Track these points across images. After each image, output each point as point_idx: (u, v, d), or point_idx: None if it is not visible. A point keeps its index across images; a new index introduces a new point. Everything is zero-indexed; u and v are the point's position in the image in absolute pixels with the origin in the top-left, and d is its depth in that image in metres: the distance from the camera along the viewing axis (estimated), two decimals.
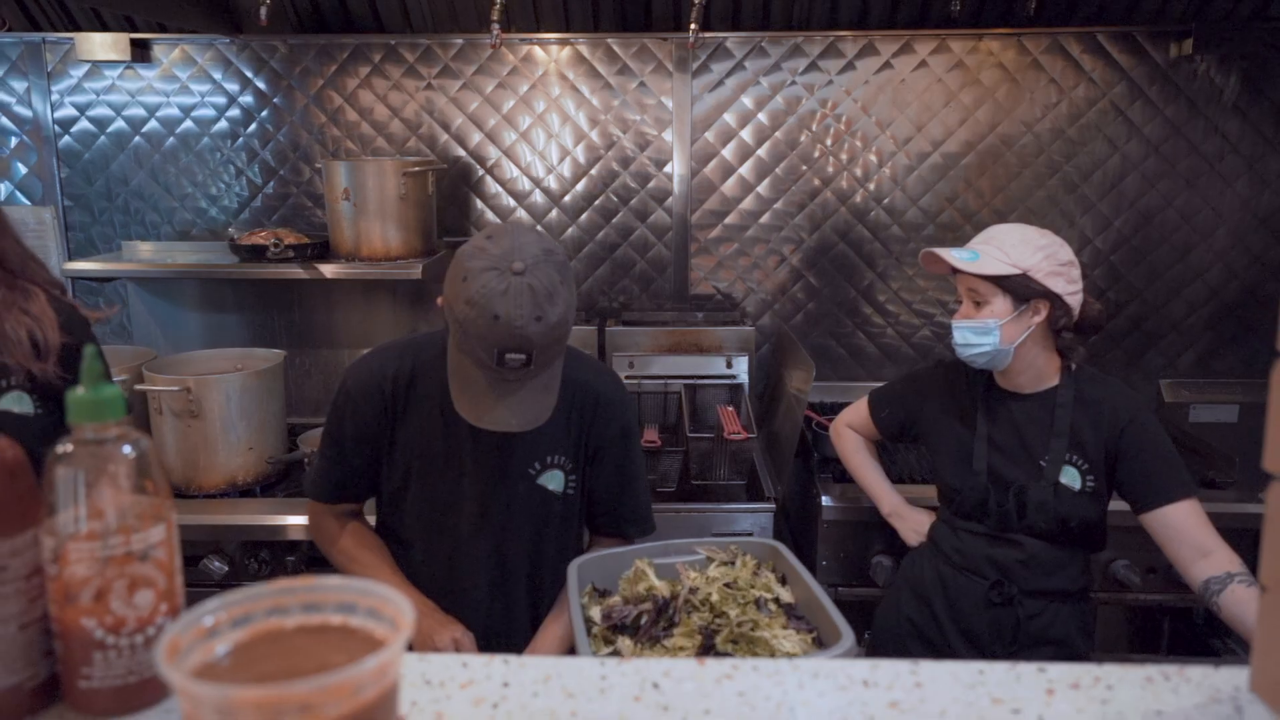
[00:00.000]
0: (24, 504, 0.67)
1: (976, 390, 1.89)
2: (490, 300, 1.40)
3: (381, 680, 0.50)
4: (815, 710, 0.70)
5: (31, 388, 1.53)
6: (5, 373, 1.50)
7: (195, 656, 0.52)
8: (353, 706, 0.48)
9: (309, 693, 0.47)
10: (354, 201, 2.67)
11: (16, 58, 2.95)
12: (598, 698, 0.72)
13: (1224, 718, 0.69)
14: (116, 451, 0.68)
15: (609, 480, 1.74)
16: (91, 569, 0.67)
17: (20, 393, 1.52)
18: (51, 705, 0.71)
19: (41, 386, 1.53)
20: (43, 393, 1.54)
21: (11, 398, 1.51)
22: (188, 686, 0.47)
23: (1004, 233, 1.81)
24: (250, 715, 0.47)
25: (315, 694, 0.47)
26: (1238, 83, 2.84)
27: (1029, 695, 0.72)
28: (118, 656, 0.68)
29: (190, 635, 0.52)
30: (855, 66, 2.91)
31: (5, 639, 0.67)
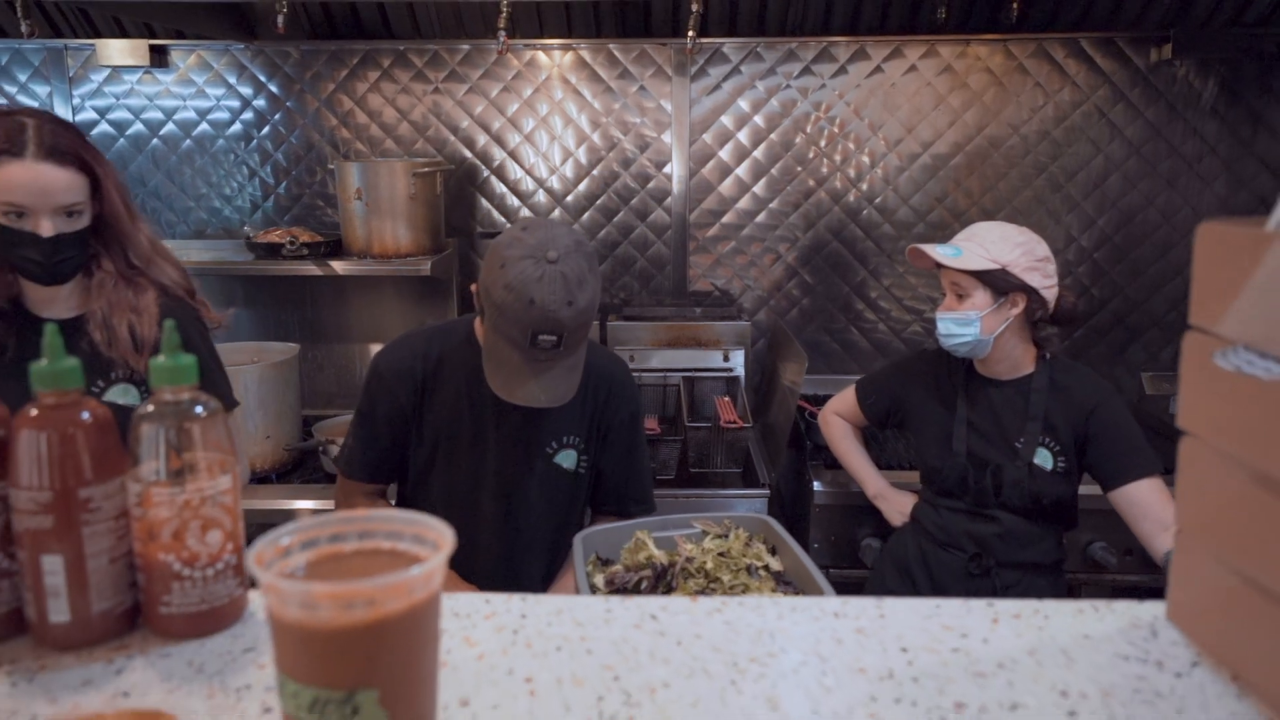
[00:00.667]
0: (112, 455, 0.78)
1: (958, 377, 2.00)
2: (527, 286, 1.51)
3: (429, 585, 0.61)
4: (791, 635, 0.81)
5: (136, 380, 1.60)
6: (112, 366, 1.57)
7: (275, 568, 0.63)
8: (407, 604, 0.59)
9: (374, 589, 0.58)
10: (366, 201, 2.79)
11: (39, 63, 3.07)
12: (603, 626, 0.83)
13: (1141, 638, 0.80)
14: (190, 411, 0.79)
15: (617, 461, 1.86)
16: (170, 511, 0.78)
17: (127, 385, 1.59)
18: (135, 629, 0.82)
19: (141, 379, 1.59)
20: (145, 385, 1.60)
21: (118, 390, 1.58)
22: (277, 583, 0.58)
23: (985, 230, 1.93)
24: (327, 606, 0.58)
25: (378, 591, 0.58)
26: (1215, 86, 2.95)
27: (976, 624, 0.83)
28: (192, 587, 0.79)
29: (271, 551, 0.63)
30: (847, 71, 3.02)
31: (98, 570, 0.78)
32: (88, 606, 0.78)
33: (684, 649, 0.79)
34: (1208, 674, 0.75)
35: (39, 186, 1.44)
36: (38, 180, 1.44)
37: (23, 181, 1.43)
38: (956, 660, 0.77)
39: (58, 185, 1.46)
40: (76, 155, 1.48)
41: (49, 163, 1.44)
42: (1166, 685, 0.73)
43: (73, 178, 1.48)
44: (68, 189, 1.47)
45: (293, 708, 0.60)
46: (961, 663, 0.77)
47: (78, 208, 1.50)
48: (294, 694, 0.59)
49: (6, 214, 1.45)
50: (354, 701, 0.59)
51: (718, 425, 2.54)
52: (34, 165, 1.43)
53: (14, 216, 1.46)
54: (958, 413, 1.96)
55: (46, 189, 1.45)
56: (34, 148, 1.43)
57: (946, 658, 0.77)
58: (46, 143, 1.45)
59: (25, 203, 1.45)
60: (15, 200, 1.44)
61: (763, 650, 0.79)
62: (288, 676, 0.60)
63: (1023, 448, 1.88)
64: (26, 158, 1.43)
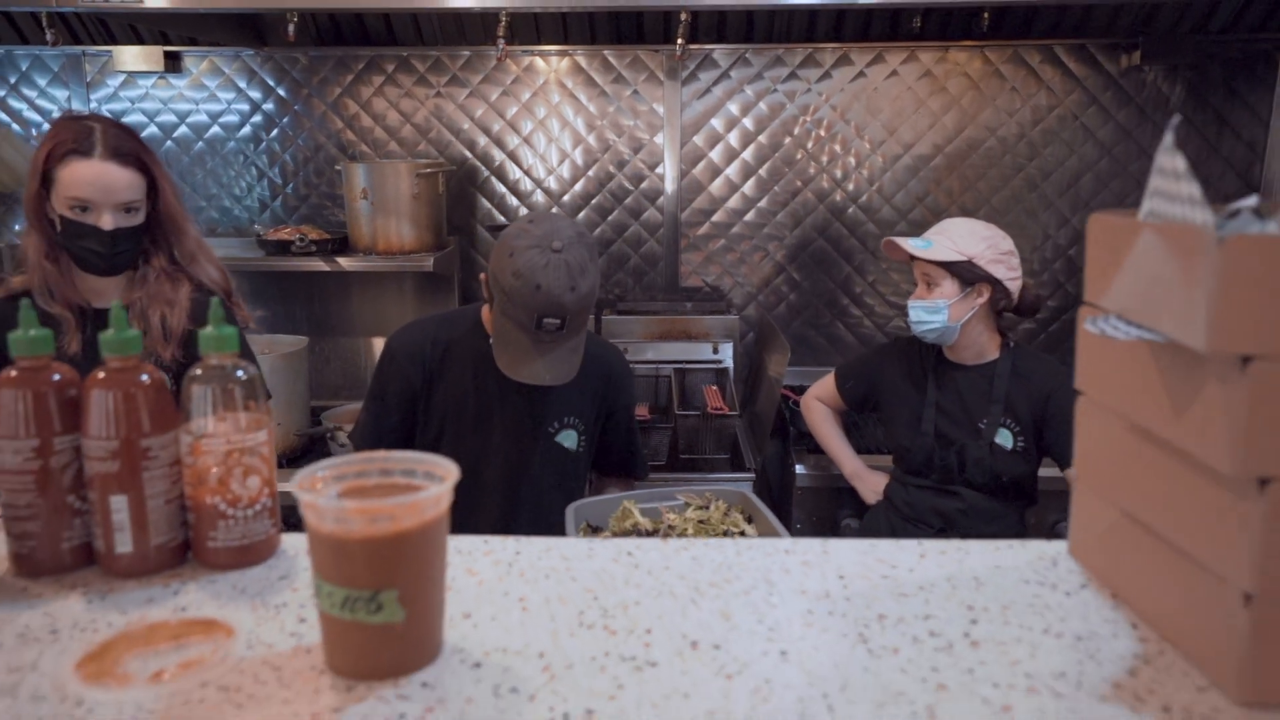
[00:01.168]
0: (167, 412, 0.92)
1: (928, 363, 2.14)
2: (534, 273, 1.66)
3: (438, 507, 0.75)
4: (746, 567, 0.95)
5: (163, 367, 1.71)
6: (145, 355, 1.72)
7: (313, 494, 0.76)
8: (420, 521, 0.73)
9: (394, 507, 0.72)
10: (371, 200, 2.92)
11: (59, 69, 3.20)
12: (586, 560, 0.97)
13: (1043, 568, 0.94)
14: (233, 374, 0.93)
15: (621, 438, 2.05)
16: (216, 460, 0.92)
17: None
18: (186, 562, 0.95)
19: (167, 367, 1.72)
20: (172, 373, 1.70)
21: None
22: (316, 502, 0.72)
23: (954, 225, 2.07)
24: (356, 520, 0.71)
25: (398, 508, 0.72)
26: (1182, 90, 3.08)
27: (906, 558, 0.97)
28: (235, 524, 0.93)
29: (310, 481, 0.76)
30: (832, 75, 3.16)
31: (156, 509, 0.91)
32: (147, 540, 0.91)
33: (653, 577, 0.93)
34: (1092, 593, 0.88)
35: (104, 184, 1.60)
36: (102, 178, 1.59)
37: (89, 179, 1.59)
38: (884, 584, 0.91)
39: (120, 183, 1.61)
40: (137, 157, 1.64)
41: (113, 162, 1.60)
42: (1056, 601, 0.87)
43: (133, 177, 1.63)
44: (128, 187, 1.63)
45: (328, 605, 0.74)
46: (888, 586, 0.90)
47: (135, 205, 1.65)
48: (329, 594, 0.73)
49: (72, 208, 1.61)
50: (378, 599, 0.72)
51: (706, 413, 2.68)
52: (100, 164, 1.59)
53: (79, 211, 1.61)
54: (927, 395, 2.10)
55: (110, 186, 1.60)
56: (101, 149, 1.59)
57: (876, 582, 0.91)
58: (111, 144, 1.61)
59: (90, 198, 1.60)
60: (82, 195, 1.60)
61: (720, 577, 0.92)
62: (324, 580, 0.73)
63: (985, 428, 2.02)
64: (94, 157, 1.59)
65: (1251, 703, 0.70)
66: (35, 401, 0.89)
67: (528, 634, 0.82)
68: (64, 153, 1.62)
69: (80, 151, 1.60)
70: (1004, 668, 0.76)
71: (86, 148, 1.60)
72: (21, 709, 0.70)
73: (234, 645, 0.79)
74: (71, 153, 1.60)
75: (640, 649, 0.79)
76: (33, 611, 0.85)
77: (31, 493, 0.90)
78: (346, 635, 0.74)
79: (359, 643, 0.74)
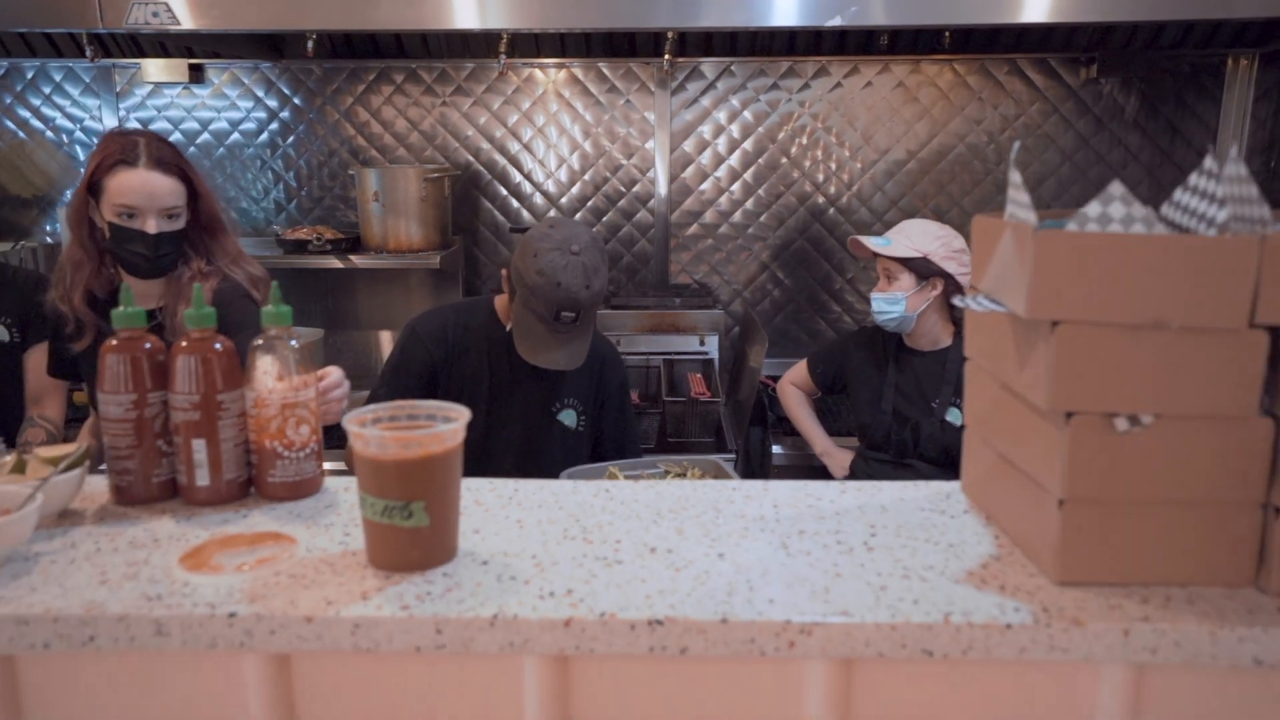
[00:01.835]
0: (235, 373, 1.15)
1: (889, 349, 2.37)
2: (555, 272, 1.90)
3: (455, 438, 0.98)
4: (700, 500, 1.17)
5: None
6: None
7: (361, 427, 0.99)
8: (442, 448, 0.96)
9: (422, 436, 0.95)
10: (382, 203, 3.15)
11: (90, 80, 3.44)
12: (571, 495, 1.20)
13: (938, 499, 1.17)
14: (287, 343, 1.16)
15: (615, 419, 2.29)
16: (274, 411, 1.15)
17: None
18: (249, 495, 1.18)
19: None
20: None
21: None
22: (364, 432, 0.94)
23: (911, 225, 2.30)
24: (393, 446, 0.94)
25: (424, 437, 0.95)
26: (1137, 101, 3.31)
27: (829, 493, 1.20)
28: (290, 464, 1.16)
29: (358, 419, 0.99)
30: (811, 86, 3.39)
31: (228, 451, 1.14)
32: (221, 476, 1.14)
33: (624, 505, 1.16)
34: (971, 517, 1.11)
35: (148, 190, 1.79)
36: (147, 185, 1.78)
37: (135, 186, 1.78)
38: (809, 511, 1.14)
39: (163, 189, 1.80)
40: (178, 166, 1.83)
41: (157, 171, 1.79)
42: (941, 522, 1.10)
43: (174, 185, 1.82)
44: (170, 193, 1.82)
45: (370, 513, 0.96)
46: (811, 512, 1.13)
47: (177, 211, 1.84)
48: (371, 504, 0.96)
49: (119, 215, 1.80)
50: (409, 508, 0.95)
51: (692, 399, 2.91)
52: (144, 173, 1.78)
53: (125, 217, 1.80)
54: (887, 378, 2.33)
55: (154, 193, 1.79)
56: (145, 159, 1.79)
57: (802, 510, 1.14)
58: (154, 155, 1.80)
59: (136, 204, 1.79)
60: (128, 202, 1.79)
61: (678, 506, 1.15)
62: (367, 493, 0.96)
63: (938, 407, 2.25)
64: (139, 166, 1.78)
65: (1064, 582, 0.93)
66: (133, 364, 1.12)
67: (523, 543, 1.05)
68: (112, 163, 1.80)
69: (127, 162, 1.77)
70: (889, 563, 0.99)
71: (132, 158, 1.79)
72: (144, 588, 0.93)
73: (296, 549, 1.02)
74: (119, 163, 1.77)
75: (610, 552, 1.02)
76: (135, 528, 1.08)
77: (130, 437, 1.13)
78: (384, 537, 0.97)
79: (394, 542, 0.97)
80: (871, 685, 0.91)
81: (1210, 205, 0.89)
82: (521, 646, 0.89)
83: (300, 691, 0.94)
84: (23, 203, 3.54)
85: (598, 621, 0.88)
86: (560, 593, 0.93)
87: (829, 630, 0.87)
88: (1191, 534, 0.91)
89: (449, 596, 0.92)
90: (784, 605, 0.90)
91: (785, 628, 0.87)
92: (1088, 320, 0.88)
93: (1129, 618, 0.87)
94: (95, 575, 0.96)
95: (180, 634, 0.89)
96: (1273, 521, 0.90)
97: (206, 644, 0.89)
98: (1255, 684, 0.89)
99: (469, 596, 0.92)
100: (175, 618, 0.89)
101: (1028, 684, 0.91)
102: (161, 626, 0.89)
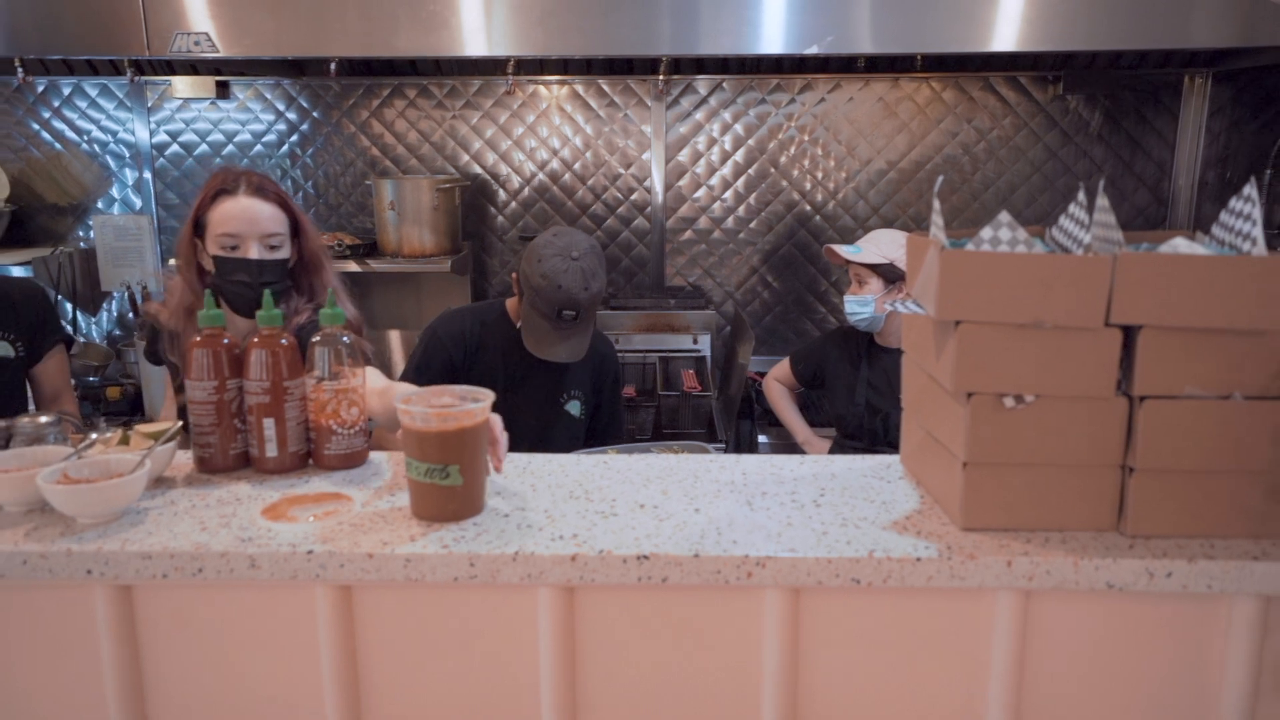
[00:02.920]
0: (298, 364, 1.39)
1: (862, 346, 2.61)
2: (557, 276, 2.15)
3: (484, 413, 1.22)
4: (683, 469, 1.41)
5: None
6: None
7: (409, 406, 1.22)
8: (472, 421, 1.20)
9: (456, 413, 1.19)
10: (397, 211, 3.39)
11: (124, 95, 3.68)
12: (575, 465, 1.44)
13: (881, 469, 1.40)
14: (341, 339, 1.40)
15: (607, 411, 2.53)
16: (330, 395, 1.39)
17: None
18: (308, 466, 1.42)
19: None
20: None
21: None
22: (410, 409, 1.18)
23: (879, 234, 2.54)
24: (434, 420, 1.18)
25: (459, 414, 1.19)
26: (1100, 116, 3.55)
27: (790, 464, 1.43)
28: (342, 439, 1.40)
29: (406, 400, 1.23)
30: (797, 101, 3.63)
31: (292, 429, 1.38)
32: (286, 449, 1.38)
33: (619, 473, 1.40)
34: (905, 482, 1.36)
35: (249, 216, 1.80)
36: (247, 211, 1.82)
37: (235, 213, 1.80)
38: (771, 477, 1.38)
39: (263, 215, 1.83)
40: (278, 195, 1.88)
41: (256, 198, 1.84)
42: (880, 486, 1.34)
43: (274, 211, 1.84)
44: (271, 219, 1.83)
45: (415, 475, 1.21)
46: (773, 478, 1.37)
47: (278, 240, 1.84)
48: (415, 467, 1.20)
49: (223, 246, 1.82)
50: (447, 470, 1.19)
51: (685, 394, 3.15)
52: (245, 199, 1.82)
53: (229, 249, 1.81)
54: (860, 373, 2.57)
55: (255, 218, 1.82)
56: (245, 187, 1.84)
57: (766, 476, 1.38)
58: (254, 184, 1.86)
59: (238, 230, 1.80)
60: (230, 230, 1.80)
61: (664, 474, 1.39)
62: (413, 459, 1.20)
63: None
64: (240, 194, 1.83)
65: (967, 528, 1.17)
66: (214, 357, 1.36)
67: (537, 501, 1.29)
68: (213, 195, 1.84)
69: (227, 191, 1.85)
70: (831, 516, 1.23)
71: (233, 187, 1.85)
72: (236, 533, 1.17)
73: (353, 506, 1.26)
74: (220, 193, 1.84)
75: (607, 508, 1.26)
76: (219, 490, 1.33)
77: (211, 416, 1.37)
78: (426, 494, 1.21)
79: (434, 498, 1.21)
80: (814, 609, 1.16)
81: (1081, 230, 1.13)
82: (537, 577, 1.13)
83: (359, 617, 1.18)
84: (59, 210, 3.78)
85: (597, 557, 1.12)
86: (568, 536, 1.17)
87: (779, 563, 1.11)
88: (1065, 489, 1.15)
89: (479, 539, 1.16)
90: (744, 545, 1.14)
91: (744, 561, 1.11)
92: (982, 320, 1.12)
93: (1013, 553, 1.11)
94: (196, 524, 1.20)
95: (269, 567, 1.13)
96: (1128, 479, 1.14)
97: (288, 575, 1.13)
98: (1112, 604, 1.13)
99: (495, 539, 1.16)
100: (264, 554, 1.13)
101: (938, 608, 1.15)
102: (254, 561, 1.13)
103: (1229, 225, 1.15)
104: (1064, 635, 1.15)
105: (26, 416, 1.38)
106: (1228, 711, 1.14)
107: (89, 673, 1.18)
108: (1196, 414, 1.11)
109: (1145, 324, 1.10)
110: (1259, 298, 1.07)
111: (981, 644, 1.15)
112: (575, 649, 1.17)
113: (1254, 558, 1.10)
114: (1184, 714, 1.16)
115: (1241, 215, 1.13)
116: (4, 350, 2.08)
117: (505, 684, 1.19)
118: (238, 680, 1.20)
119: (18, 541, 1.14)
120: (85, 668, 1.18)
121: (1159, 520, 1.14)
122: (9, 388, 2.09)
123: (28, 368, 2.17)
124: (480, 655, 1.18)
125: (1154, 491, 1.13)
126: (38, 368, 2.18)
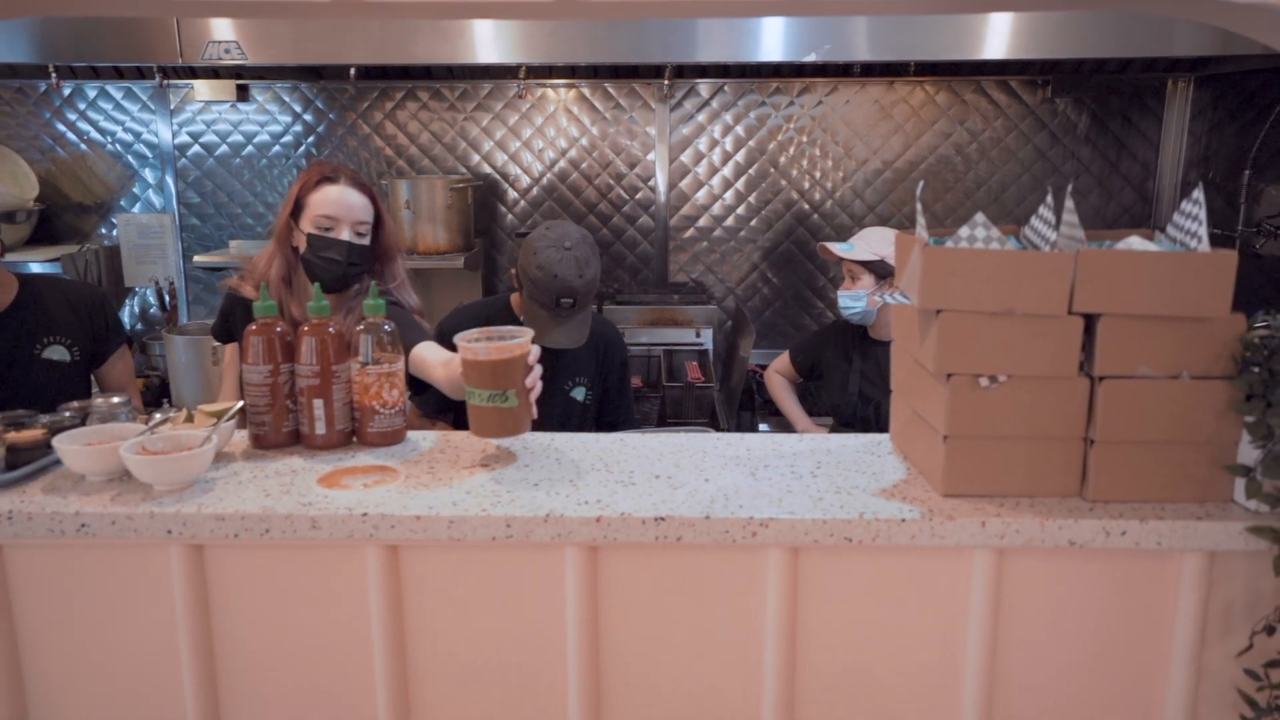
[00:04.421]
0: (344, 349, 1.53)
1: (855, 339, 2.75)
2: (552, 266, 2.29)
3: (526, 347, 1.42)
4: (692, 446, 1.56)
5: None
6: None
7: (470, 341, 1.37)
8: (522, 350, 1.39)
9: (508, 345, 1.37)
10: (412, 210, 3.54)
11: (147, 98, 3.82)
12: (595, 443, 1.58)
13: (872, 446, 1.55)
14: (383, 327, 1.54)
15: (615, 395, 2.65)
16: (373, 378, 1.53)
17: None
18: (352, 443, 1.57)
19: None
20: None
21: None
22: (471, 345, 1.36)
23: (871, 231, 2.68)
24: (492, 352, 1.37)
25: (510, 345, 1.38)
26: (1088, 119, 3.70)
27: (790, 442, 1.58)
28: (383, 418, 1.54)
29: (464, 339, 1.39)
30: (796, 104, 3.77)
31: (339, 409, 1.52)
32: (333, 427, 1.53)
33: (634, 449, 1.54)
34: (893, 456, 1.50)
35: (346, 203, 2.00)
36: (345, 199, 2.01)
37: (335, 198, 1.99)
38: (773, 453, 1.52)
39: (357, 204, 2.01)
40: (369, 190, 2.07)
41: (353, 188, 2.04)
42: (871, 460, 1.48)
43: (366, 203, 2.04)
44: (363, 209, 2.03)
45: (477, 400, 1.42)
46: (775, 454, 1.52)
47: (365, 229, 2.03)
48: (478, 394, 1.41)
49: (319, 226, 1.98)
50: (505, 394, 1.39)
51: (688, 385, 3.29)
52: (344, 188, 2.02)
53: (324, 229, 1.99)
54: (853, 364, 2.72)
55: (351, 206, 2.00)
56: (344, 178, 2.04)
57: (769, 452, 1.53)
58: (352, 177, 2.06)
59: (335, 214, 1.98)
60: (329, 213, 1.98)
61: (677, 450, 1.54)
62: (474, 387, 1.41)
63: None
64: (339, 183, 2.03)
65: (948, 494, 1.31)
66: (268, 343, 1.51)
67: (562, 473, 1.43)
68: (316, 182, 2.02)
69: (329, 179, 2.04)
70: (826, 484, 1.37)
71: (334, 177, 2.04)
72: (296, 499, 1.32)
73: (398, 476, 1.41)
74: (322, 180, 2.01)
75: (626, 478, 1.41)
76: (275, 463, 1.47)
77: (266, 397, 1.51)
78: (488, 416, 1.43)
79: (495, 418, 1.43)
80: (812, 565, 1.30)
81: (1049, 229, 1.28)
82: (565, 537, 1.27)
83: (405, 574, 1.33)
84: (84, 209, 3.92)
85: (619, 519, 1.27)
86: (592, 501, 1.31)
87: (780, 524, 1.26)
88: (1034, 459, 1.29)
89: (514, 503, 1.30)
90: (749, 508, 1.28)
91: (749, 522, 1.26)
92: (961, 309, 1.26)
93: (987, 515, 1.26)
94: (259, 491, 1.35)
95: (328, 528, 1.27)
96: (1089, 450, 1.28)
97: (345, 535, 1.28)
98: (1075, 560, 1.28)
99: (528, 504, 1.31)
100: (324, 516, 1.27)
101: (921, 564, 1.30)
102: (315, 522, 1.27)
103: (1180, 225, 1.30)
104: (1033, 588, 1.29)
105: (100, 398, 1.52)
106: (1178, 654, 1.29)
107: (165, 621, 1.33)
108: (1149, 392, 1.25)
109: (1104, 312, 1.24)
110: (1203, 289, 1.22)
111: (960, 596, 1.30)
112: (598, 602, 1.32)
113: (1198, 518, 1.24)
114: (1140, 657, 1.31)
115: (1191, 216, 1.27)
116: (60, 354, 2.21)
117: (535, 632, 1.33)
118: (295, 630, 1.34)
119: (105, 505, 1.29)
120: (161, 617, 1.33)
121: (1116, 486, 1.28)
122: (71, 387, 2.22)
123: (89, 370, 2.30)
124: (513, 607, 1.33)
125: (1112, 460, 1.28)
126: (103, 368, 2.31)
